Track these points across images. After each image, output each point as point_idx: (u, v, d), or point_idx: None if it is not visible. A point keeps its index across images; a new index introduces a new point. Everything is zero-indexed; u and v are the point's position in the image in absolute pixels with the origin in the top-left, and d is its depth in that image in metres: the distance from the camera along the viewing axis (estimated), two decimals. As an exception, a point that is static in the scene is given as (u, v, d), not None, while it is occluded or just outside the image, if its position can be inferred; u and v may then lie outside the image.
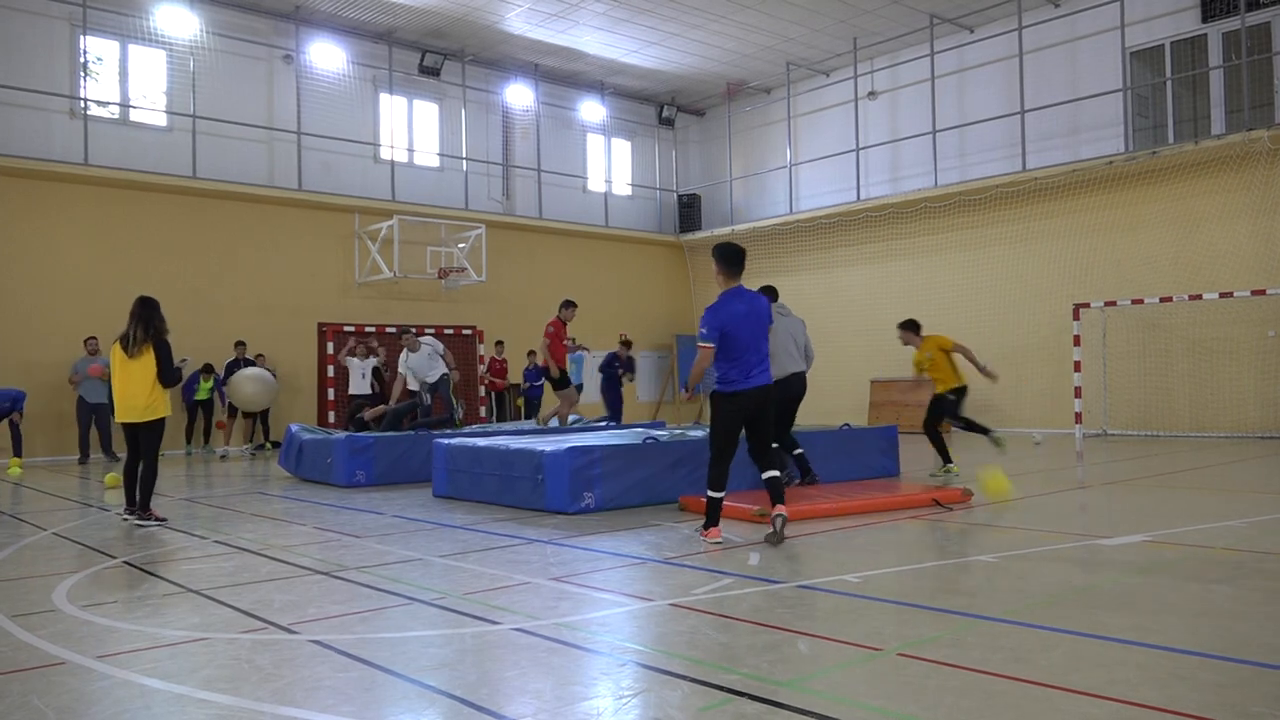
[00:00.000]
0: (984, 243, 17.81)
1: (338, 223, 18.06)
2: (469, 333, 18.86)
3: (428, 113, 19.89)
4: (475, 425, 15.00)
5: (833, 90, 20.99)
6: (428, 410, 12.61)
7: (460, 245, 18.51)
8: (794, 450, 8.63)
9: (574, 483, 7.72)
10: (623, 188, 23.26)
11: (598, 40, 19.25)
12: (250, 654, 3.81)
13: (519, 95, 20.86)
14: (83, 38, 15.45)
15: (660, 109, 23.32)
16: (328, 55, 18.10)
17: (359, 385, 15.42)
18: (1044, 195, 17.02)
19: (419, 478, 10.38)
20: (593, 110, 22.20)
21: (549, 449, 7.94)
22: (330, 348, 17.28)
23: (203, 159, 16.43)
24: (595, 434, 10.31)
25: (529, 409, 17.66)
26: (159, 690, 3.38)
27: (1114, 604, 4.38)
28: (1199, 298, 14.58)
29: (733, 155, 22.67)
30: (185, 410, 15.70)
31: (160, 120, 16.43)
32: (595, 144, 22.63)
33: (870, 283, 19.61)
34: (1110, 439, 15.20)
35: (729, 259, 6.32)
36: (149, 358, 7.62)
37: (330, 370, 17.04)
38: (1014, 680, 3.30)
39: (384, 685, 3.41)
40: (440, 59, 19.28)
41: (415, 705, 3.21)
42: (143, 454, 7.72)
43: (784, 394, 8.40)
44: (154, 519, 7.70)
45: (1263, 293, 14.02)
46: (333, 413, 16.89)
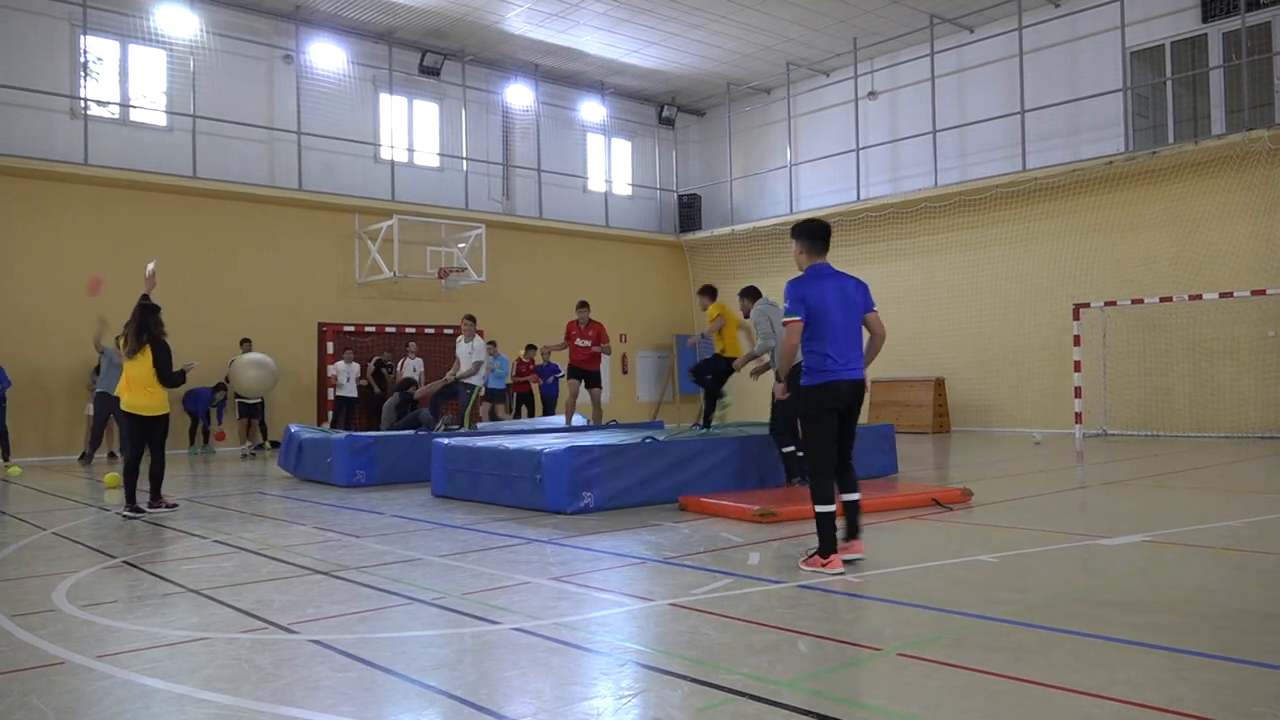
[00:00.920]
0: (984, 243, 17.81)
1: (338, 223, 18.06)
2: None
3: (428, 113, 19.90)
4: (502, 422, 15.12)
5: (833, 90, 20.99)
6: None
7: (460, 245, 18.51)
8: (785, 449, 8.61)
9: (573, 482, 7.71)
10: (623, 188, 23.26)
11: (598, 40, 19.25)
12: (250, 654, 3.81)
13: (519, 95, 20.86)
14: (83, 37, 15.45)
15: (660, 109, 23.32)
16: (328, 55, 18.10)
17: (348, 389, 15.74)
18: (1044, 195, 17.02)
19: (419, 477, 10.37)
20: (593, 110, 22.20)
21: (548, 448, 7.94)
22: (330, 347, 17.28)
23: (203, 159, 16.43)
24: (594, 433, 10.31)
25: (547, 406, 17.57)
26: (159, 690, 3.38)
27: (1114, 604, 4.38)
28: (1199, 298, 14.58)
29: (733, 155, 22.66)
30: (187, 414, 15.65)
31: (160, 120, 16.44)
32: (595, 144, 22.63)
33: (870, 283, 19.47)
34: (1110, 439, 15.19)
35: (813, 236, 5.56)
36: (145, 359, 8.03)
37: (330, 370, 17.04)
38: (1014, 680, 3.30)
39: (384, 685, 3.41)
40: (440, 59, 19.28)
41: (415, 705, 3.21)
42: (150, 447, 8.27)
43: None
44: (165, 506, 8.29)
45: (1263, 293, 14.02)
46: (332, 413, 16.88)
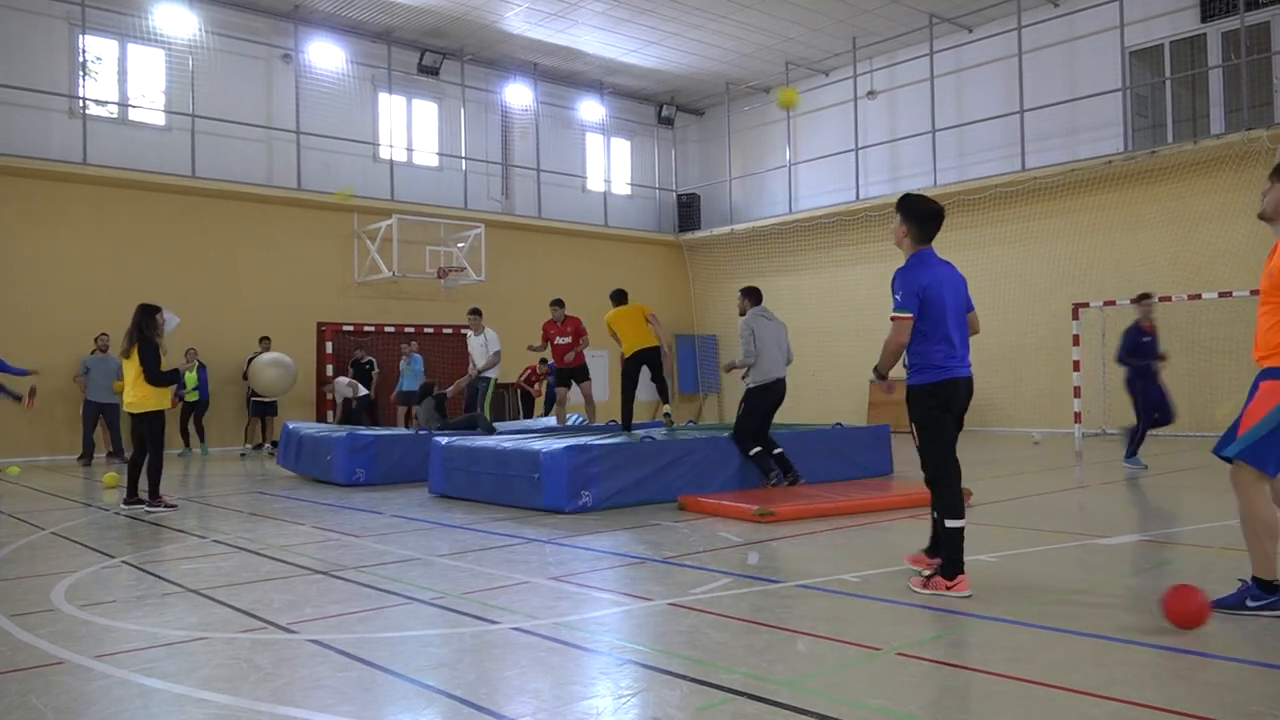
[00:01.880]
0: (983, 242, 17.80)
1: (337, 222, 18.04)
2: (468, 333, 18.79)
3: (427, 112, 19.89)
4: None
5: (832, 90, 20.99)
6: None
7: (459, 245, 18.50)
8: (774, 450, 8.62)
9: (572, 481, 7.71)
10: (622, 187, 23.25)
11: (597, 40, 19.24)
12: (249, 653, 3.80)
13: (518, 95, 20.85)
14: (82, 37, 15.43)
15: (659, 109, 23.31)
16: (327, 54, 18.09)
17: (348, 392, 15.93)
18: (1043, 195, 17.02)
19: (419, 477, 10.35)
20: (592, 110, 22.19)
21: (546, 448, 7.93)
22: (330, 347, 17.26)
23: (202, 158, 16.41)
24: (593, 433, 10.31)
25: (549, 406, 17.50)
26: (158, 690, 3.38)
27: (1114, 604, 4.38)
28: (1198, 297, 14.57)
29: (732, 155, 22.66)
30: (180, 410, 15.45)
31: (159, 120, 16.42)
32: (594, 143, 22.62)
33: (869, 283, 19.58)
34: (1109, 439, 15.19)
35: (924, 218, 4.84)
36: (137, 358, 8.27)
37: (330, 369, 17.03)
38: (1014, 680, 3.29)
39: (383, 685, 3.40)
40: (439, 58, 19.27)
41: (414, 705, 3.21)
42: (146, 444, 8.43)
43: (774, 399, 8.53)
44: (163, 505, 8.36)
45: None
46: (331, 413, 16.87)
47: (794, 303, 18.91)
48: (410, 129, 19.62)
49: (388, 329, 18.20)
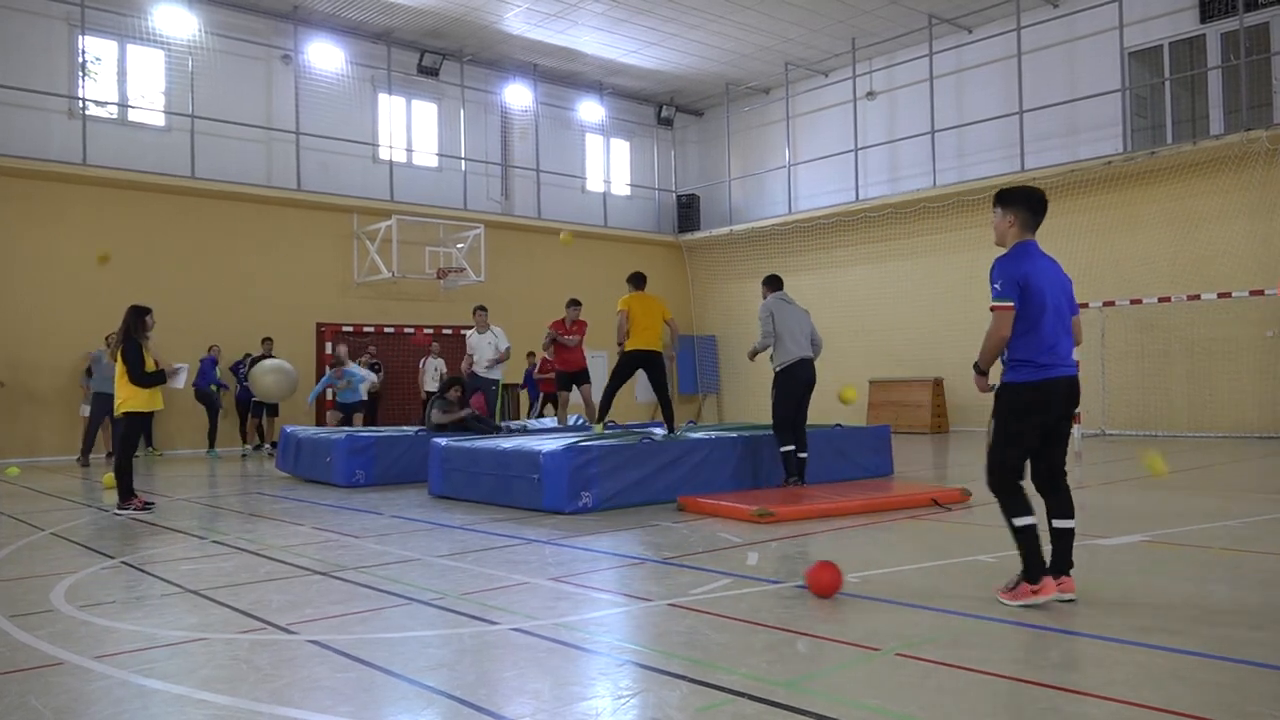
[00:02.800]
0: (983, 243, 17.68)
1: (336, 223, 18.05)
2: (467, 333, 18.79)
3: (426, 113, 19.89)
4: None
5: (831, 90, 20.99)
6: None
7: (459, 245, 18.50)
8: (800, 453, 8.63)
9: (572, 482, 7.71)
10: (621, 188, 23.25)
11: (596, 40, 19.24)
12: (248, 654, 3.80)
13: (518, 95, 20.85)
14: (81, 38, 15.43)
15: (659, 109, 23.31)
16: (326, 55, 18.09)
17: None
18: (1042, 195, 17.00)
19: (419, 478, 10.35)
20: (591, 110, 22.19)
21: (546, 448, 7.93)
22: (329, 348, 17.23)
23: (201, 159, 16.41)
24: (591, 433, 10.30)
25: (533, 408, 17.54)
26: (157, 690, 3.38)
27: (1113, 604, 4.38)
28: (1197, 298, 14.58)
29: (731, 155, 22.66)
30: (207, 411, 15.46)
31: (159, 120, 16.42)
32: (594, 144, 22.63)
33: (869, 283, 19.60)
34: (1109, 439, 15.20)
35: (1033, 206, 4.67)
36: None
37: (328, 370, 16.99)
38: (1014, 680, 3.30)
39: (382, 685, 3.40)
40: (439, 59, 19.27)
41: (414, 705, 3.21)
42: (116, 444, 8.49)
43: (800, 382, 8.52)
44: (133, 506, 8.28)
45: (1261, 293, 14.02)
46: (330, 412, 16.82)
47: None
48: (410, 130, 19.62)
49: (387, 329, 18.20)
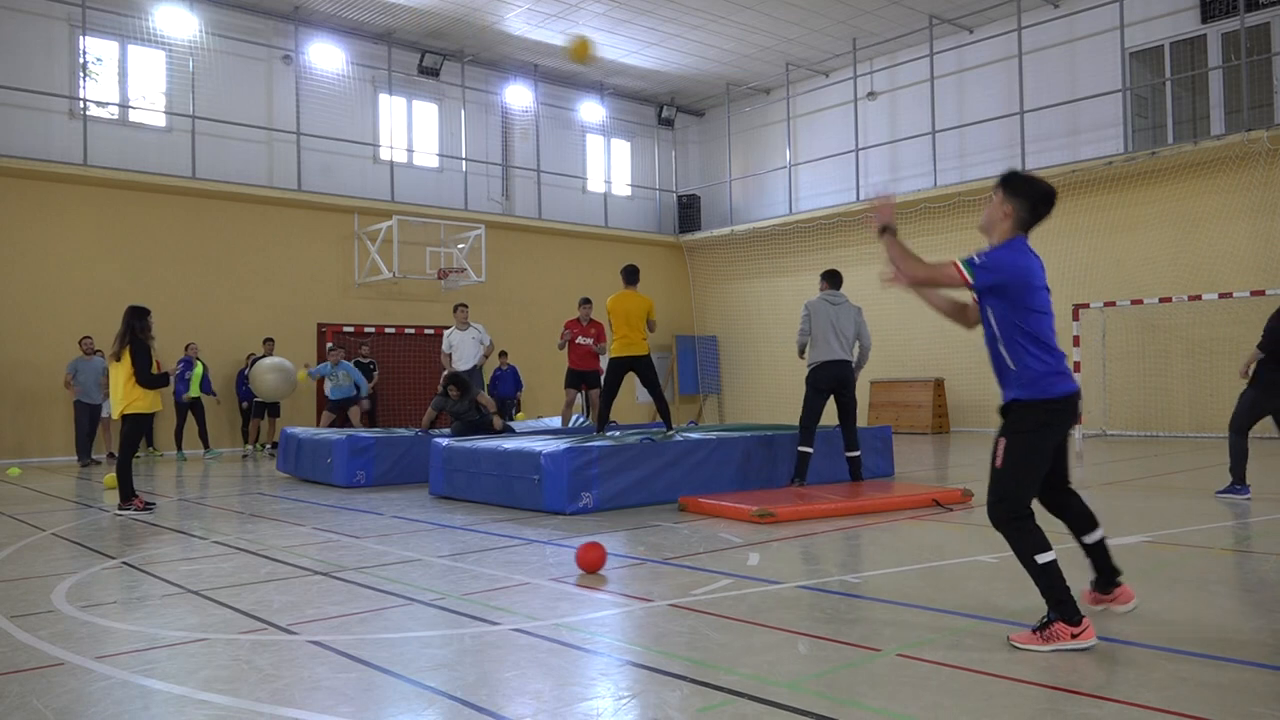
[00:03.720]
0: (983, 243, 17.79)
1: (337, 223, 18.06)
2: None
3: (427, 113, 19.89)
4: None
5: (832, 91, 21.00)
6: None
7: (460, 246, 18.50)
8: (805, 450, 8.73)
9: (572, 483, 7.71)
10: (622, 188, 23.26)
11: (597, 40, 19.21)
12: (249, 655, 3.81)
13: (518, 96, 20.86)
14: (82, 38, 15.44)
15: (660, 109, 23.31)
16: (327, 56, 18.09)
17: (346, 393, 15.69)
18: (1043, 196, 17.00)
19: (420, 478, 10.36)
20: (592, 111, 22.20)
21: (547, 449, 7.94)
22: (329, 348, 17.22)
23: (202, 159, 16.42)
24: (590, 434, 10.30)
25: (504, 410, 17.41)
26: (158, 691, 3.38)
27: (1113, 604, 4.37)
28: (1198, 298, 14.55)
29: (732, 155, 22.66)
30: (175, 412, 14.97)
31: (159, 121, 16.42)
32: (595, 144, 22.63)
33: (870, 283, 19.50)
34: (1110, 439, 15.20)
35: (1038, 198, 4.21)
36: (128, 360, 8.31)
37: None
38: (1014, 680, 3.30)
39: (383, 686, 3.41)
40: (440, 59, 19.28)
41: (414, 706, 3.21)
42: (119, 445, 8.51)
43: (825, 383, 8.63)
44: (134, 507, 8.33)
45: (1262, 293, 13.99)
46: (324, 413, 16.79)
47: (795, 304, 18.85)
48: (411, 130, 19.62)
49: (388, 330, 18.20)
